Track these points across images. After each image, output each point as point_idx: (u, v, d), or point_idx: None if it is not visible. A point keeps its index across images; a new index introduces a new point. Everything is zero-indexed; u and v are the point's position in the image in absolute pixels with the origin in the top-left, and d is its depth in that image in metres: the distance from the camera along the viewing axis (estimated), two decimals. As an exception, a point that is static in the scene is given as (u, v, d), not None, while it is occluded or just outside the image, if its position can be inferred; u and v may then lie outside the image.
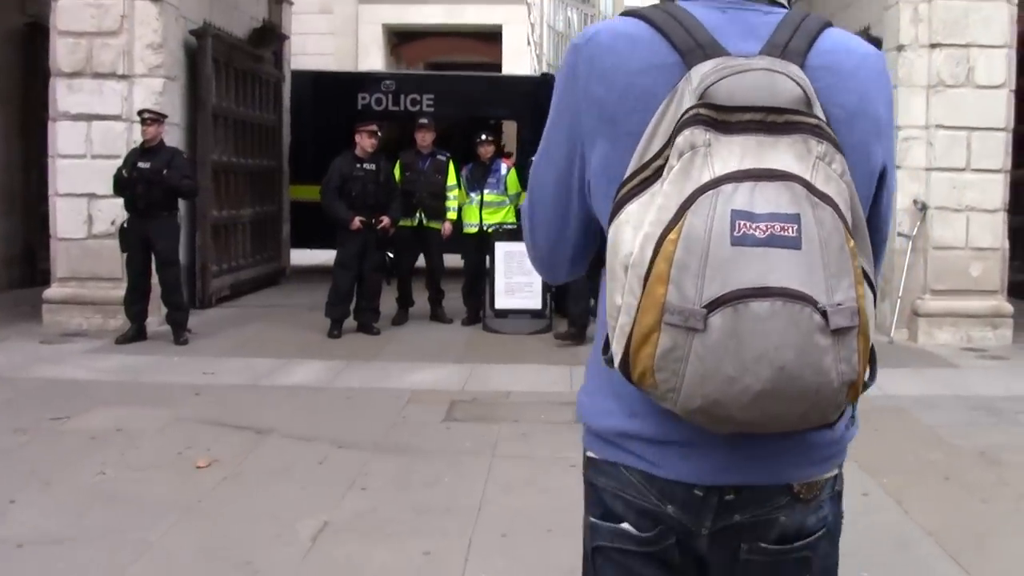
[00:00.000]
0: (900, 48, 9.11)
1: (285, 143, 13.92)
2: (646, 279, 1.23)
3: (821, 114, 1.30)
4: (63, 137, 9.59)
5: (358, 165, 9.32)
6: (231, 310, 10.90)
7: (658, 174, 1.29)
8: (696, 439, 1.39)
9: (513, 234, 9.65)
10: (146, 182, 8.59)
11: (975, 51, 8.97)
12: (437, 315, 10.28)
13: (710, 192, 1.23)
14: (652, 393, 1.28)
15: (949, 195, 9.11)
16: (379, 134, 9.62)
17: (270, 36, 12.88)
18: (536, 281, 9.69)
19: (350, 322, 9.51)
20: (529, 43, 32.28)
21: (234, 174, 11.81)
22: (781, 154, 1.26)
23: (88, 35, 9.51)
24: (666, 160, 1.28)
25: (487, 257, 9.93)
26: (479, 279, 10.07)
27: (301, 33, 22.03)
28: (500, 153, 10.48)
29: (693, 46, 1.36)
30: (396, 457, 5.52)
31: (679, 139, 1.27)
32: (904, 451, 5.71)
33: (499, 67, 23.29)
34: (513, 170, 10.35)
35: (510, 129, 14.60)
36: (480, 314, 10.02)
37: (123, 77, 9.54)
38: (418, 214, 9.88)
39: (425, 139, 10.00)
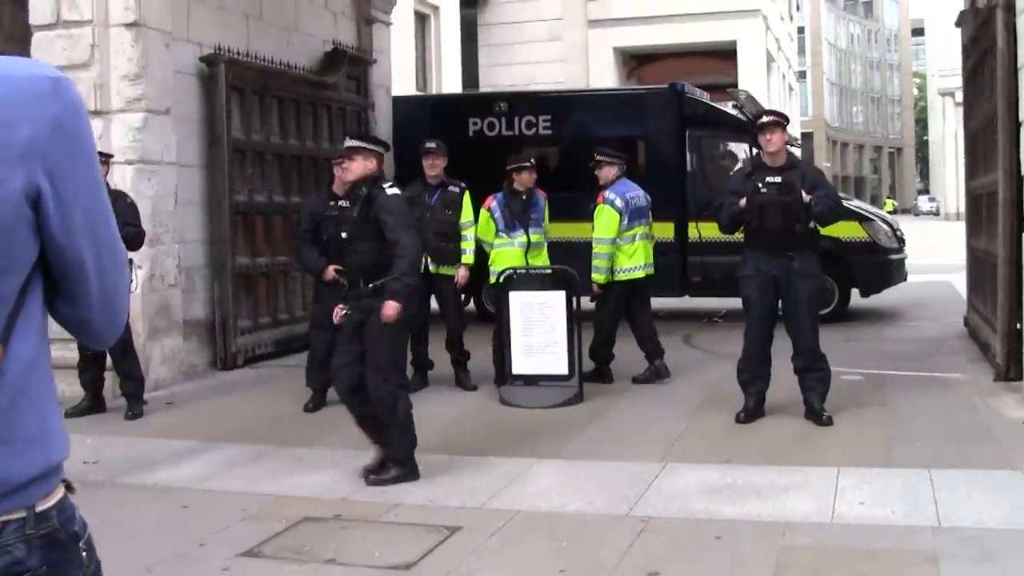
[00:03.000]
0: None
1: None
2: None
3: None
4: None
5: (331, 203, 7.57)
6: (250, 373, 9.51)
7: None
8: None
9: (529, 281, 7.66)
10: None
11: None
12: (460, 381, 8.38)
13: None
14: None
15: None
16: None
17: (340, 60, 11.55)
18: (561, 340, 7.56)
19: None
20: (773, 59, 29.96)
21: (283, 215, 10.48)
22: None
23: (61, 69, 8.50)
24: None
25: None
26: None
27: (530, 63, 22.05)
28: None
29: None
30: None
31: None
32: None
33: (735, 85, 21.47)
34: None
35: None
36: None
37: (97, 113, 8.43)
38: (424, 259, 7.96)
39: (434, 167, 8.14)
